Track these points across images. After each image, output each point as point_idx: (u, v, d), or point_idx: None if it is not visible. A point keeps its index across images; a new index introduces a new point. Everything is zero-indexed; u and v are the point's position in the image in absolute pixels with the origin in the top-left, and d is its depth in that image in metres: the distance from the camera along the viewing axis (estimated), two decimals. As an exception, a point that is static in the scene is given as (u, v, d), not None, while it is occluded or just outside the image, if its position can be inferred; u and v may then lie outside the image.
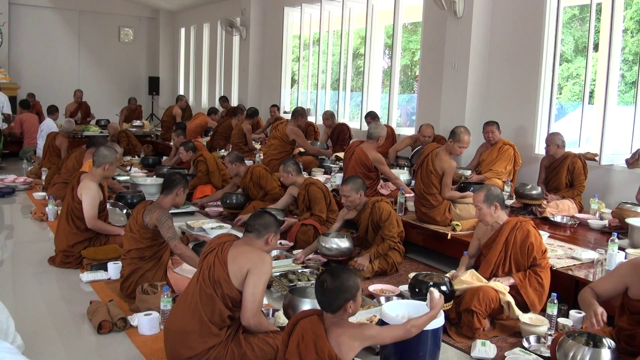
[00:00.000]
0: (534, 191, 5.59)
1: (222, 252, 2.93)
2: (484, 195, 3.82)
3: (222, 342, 2.86)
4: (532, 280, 3.69)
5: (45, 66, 14.42)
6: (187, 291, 2.98)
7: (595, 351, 2.78)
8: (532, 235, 3.74)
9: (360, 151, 5.95)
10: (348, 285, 2.53)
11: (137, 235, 3.94)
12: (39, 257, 4.84)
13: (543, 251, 3.78)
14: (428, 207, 5.13)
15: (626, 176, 5.84)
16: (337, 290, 2.52)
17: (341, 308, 2.53)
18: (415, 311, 3.04)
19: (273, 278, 4.18)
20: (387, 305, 3.15)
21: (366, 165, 5.93)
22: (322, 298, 2.56)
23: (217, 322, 2.86)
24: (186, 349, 2.84)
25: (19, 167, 9.16)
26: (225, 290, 2.86)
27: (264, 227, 3.01)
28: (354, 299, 2.55)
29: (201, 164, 7.10)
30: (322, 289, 2.55)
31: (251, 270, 2.85)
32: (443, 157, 5.03)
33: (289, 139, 7.53)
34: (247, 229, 3.06)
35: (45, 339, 3.42)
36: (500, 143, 6.47)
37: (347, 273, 2.59)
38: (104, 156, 4.80)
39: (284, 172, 5.53)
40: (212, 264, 2.91)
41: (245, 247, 2.96)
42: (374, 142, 5.97)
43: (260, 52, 12.08)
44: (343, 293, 2.52)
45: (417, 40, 10.32)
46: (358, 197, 4.69)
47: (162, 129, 11.22)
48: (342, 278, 2.54)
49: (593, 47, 6.88)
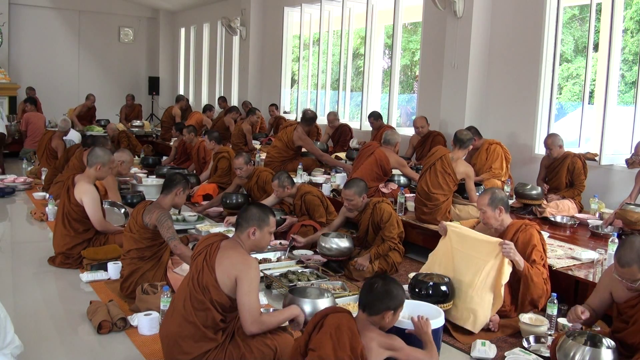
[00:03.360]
0: (534, 191, 5.59)
1: (210, 256, 2.87)
2: (489, 198, 3.81)
3: (219, 346, 2.83)
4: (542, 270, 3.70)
5: (45, 66, 14.41)
6: (179, 296, 2.94)
7: (595, 351, 2.78)
8: (535, 238, 3.72)
9: (381, 154, 5.99)
10: (397, 294, 2.59)
11: (137, 235, 3.94)
12: (39, 257, 4.84)
13: (542, 256, 3.74)
14: (430, 207, 5.14)
15: (626, 176, 5.84)
16: (385, 294, 2.56)
17: (380, 313, 2.56)
18: (415, 311, 3.03)
19: (273, 278, 4.18)
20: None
21: (384, 169, 6.00)
22: (366, 298, 2.59)
23: (211, 326, 2.83)
24: (181, 354, 2.81)
25: (19, 167, 9.15)
26: (215, 297, 2.81)
27: (245, 220, 2.96)
28: (395, 310, 2.59)
29: (223, 160, 7.00)
30: (371, 289, 2.58)
31: (239, 277, 2.77)
32: (463, 163, 5.23)
33: (294, 145, 7.41)
34: (235, 225, 3.07)
35: (45, 339, 3.42)
36: (486, 144, 6.48)
37: (398, 285, 2.65)
38: (96, 156, 4.78)
39: (279, 187, 5.40)
40: (200, 269, 2.86)
41: (230, 251, 2.88)
42: (392, 147, 6.12)
43: (260, 52, 12.08)
44: (389, 300, 2.56)
45: (417, 40, 10.33)
46: (361, 200, 4.71)
47: (162, 129, 11.21)
48: (393, 286, 2.60)
49: (593, 47, 6.88)
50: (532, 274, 3.62)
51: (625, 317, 2.96)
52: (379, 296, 2.55)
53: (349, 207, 4.75)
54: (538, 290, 3.66)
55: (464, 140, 5.25)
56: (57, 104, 13.18)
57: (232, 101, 12.67)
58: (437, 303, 3.47)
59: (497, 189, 3.99)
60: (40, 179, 7.74)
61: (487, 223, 3.87)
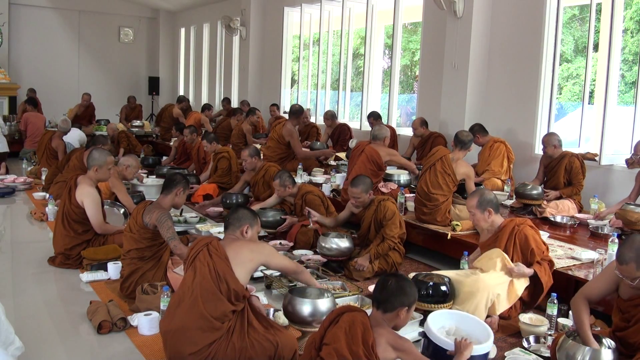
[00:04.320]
0: (534, 191, 5.59)
1: (216, 249, 2.96)
2: (477, 200, 3.79)
3: (223, 336, 2.87)
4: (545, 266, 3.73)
5: (45, 66, 14.41)
6: (183, 292, 2.97)
7: (595, 351, 2.78)
8: (530, 239, 3.72)
9: (371, 150, 6.01)
10: (410, 291, 2.63)
11: (137, 235, 3.94)
12: (39, 257, 4.83)
13: (544, 251, 3.79)
14: (430, 207, 5.14)
15: (626, 176, 5.84)
16: (399, 290, 2.59)
17: (394, 310, 2.58)
18: (462, 323, 2.97)
19: (273, 278, 4.18)
20: (433, 316, 2.98)
21: (377, 163, 5.99)
22: (380, 295, 2.61)
23: (220, 317, 2.88)
24: (189, 344, 2.85)
25: (19, 167, 9.15)
26: (232, 285, 2.90)
27: (237, 220, 3.14)
28: (409, 307, 2.61)
29: (224, 160, 7.00)
30: (385, 286, 2.61)
31: (267, 262, 3.13)
32: (463, 164, 5.23)
33: (285, 140, 7.45)
34: (225, 227, 3.20)
35: (45, 339, 3.42)
36: (491, 141, 6.48)
37: (410, 282, 2.69)
38: (93, 159, 4.79)
39: (280, 186, 5.39)
40: (210, 262, 2.92)
41: (239, 242, 3.07)
42: (381, 142, 6.13)
43: (260, 52, 12.08)
44: (402, 296, 2.59)
45: (417, 40, 10.33)
46: (367, 197, 4.73)
47: (161, 129, 11.18)
48: (406, 284, 2.64)
49: (593, 47, 6.88)
50: (539, 275, 3.67)
51: (628, 315, 2.96)
52: (394, 293, 2.58)
53: (355, 204, 4.77)
54: (548, 284, 3.73)
55: (464, 141, 5.27)
56: (57, 104, 13.18)
57: (233, 101, 12.67)
58: (437, 303, 3.47)
59: (486, 190, 3.95)
60: (40, 179, 7.74)
61: (477, 225, 3.88)
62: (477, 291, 3.53)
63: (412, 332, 3.30)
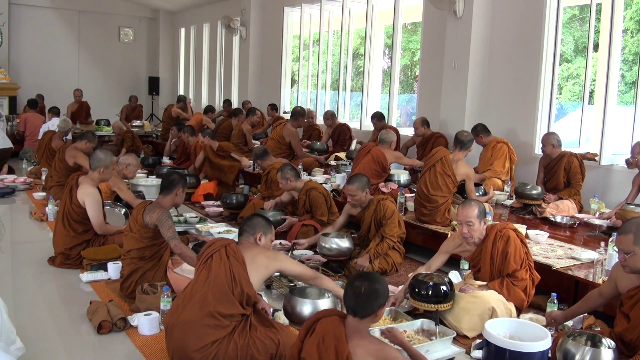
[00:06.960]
0: (534, 191, 5.59)
1: (235, 252, 3.00)
2: (477, 210, 3.68)
3: (227, 335, 2.89)
4: (510, 289, 3.62)
5: (45, 66, 14.41)
6: (193, 290, 2.98)
7: (595, 351, 2.78)
8: (511, 242, 3.64)
9: (377, 151, 6.12)
10: (382, 289, 2.50)
11: (137, 235, 3.94)
12: (39, 257, 4.83)
13: (522, 261, 3.66)
14: (429, 208, 5.14)
15: (626, 176, 5.83)
16: (373, 295, 2.46)
17: (372, 314, 2.48)
18: (519, 330, 2.96)
19: (273, 278, 4.18)
20: (490, 323, 2.98)
21: (382, 165, 6.08)
22: (355, 303, 2.47)
23: (228, 317, 2.91)
24: (194, 339, 2.86)
25: (19, 167, 9.15)
26: (246, 289, 2.93)
27: (251, 227, 3.22)
28: (385, 302, 2.52)
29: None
30: (358, 293, 2.46)
31: (282, 268, 3.20)
32: (463, 164, 5.24)
33: (285, 141, 7.50)
34: (239, 233, 3.27)
35: (45, 339, 3.42)
36: (494, 141, 6.48)
37: (379, 278, 2.56)
38: (98, 160, 4.79)
39: (282, 179, 5.38)
40: (227, 263, 2.95)
41: (256, 248, 3.14)
42: (388, 146, 6.32)
43: (260, 52, 12.08)
44: (378, 298, 2.47)
45: (417, 40, 10.33)
46: (364, 195, 4.72)
47: (162, 130, 11.20)
48: (378, 283, 2.50)
49: (593, 47, 6.88)
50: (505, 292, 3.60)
51: (625, 308, 2.96)
52: (369, 298, 2.45)
53: (352, 202, 4.77)
54: (518, 302, 3.63)
55: (464, 141, 5.27)
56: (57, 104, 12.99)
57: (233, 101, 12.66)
58: (437, 303, 3.47)
59: (476, 201, 3.91)
60: (40, 179, 7.74)
61: (471, 236, 3.72)
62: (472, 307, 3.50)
63: (445, 349, 3.23)
